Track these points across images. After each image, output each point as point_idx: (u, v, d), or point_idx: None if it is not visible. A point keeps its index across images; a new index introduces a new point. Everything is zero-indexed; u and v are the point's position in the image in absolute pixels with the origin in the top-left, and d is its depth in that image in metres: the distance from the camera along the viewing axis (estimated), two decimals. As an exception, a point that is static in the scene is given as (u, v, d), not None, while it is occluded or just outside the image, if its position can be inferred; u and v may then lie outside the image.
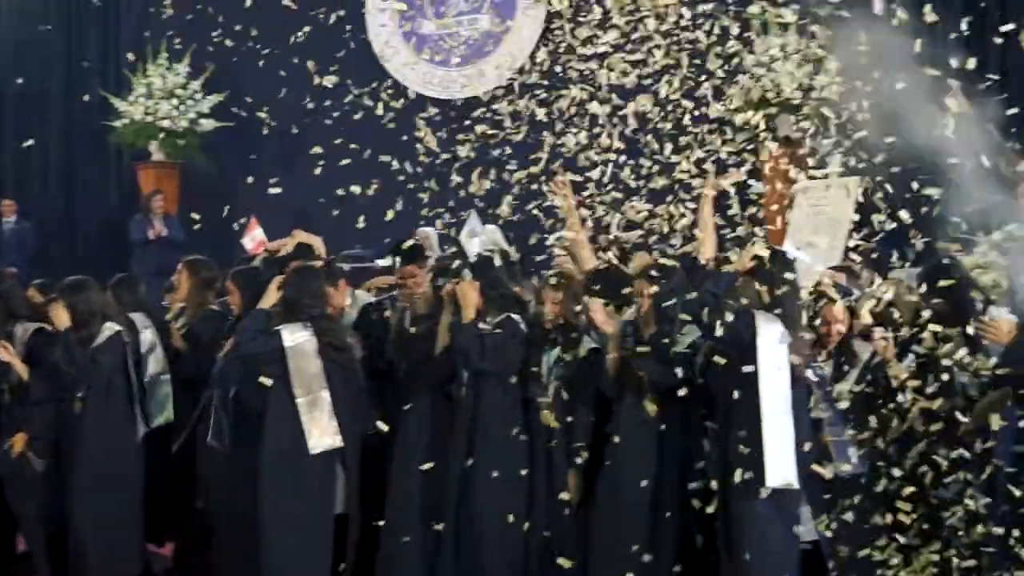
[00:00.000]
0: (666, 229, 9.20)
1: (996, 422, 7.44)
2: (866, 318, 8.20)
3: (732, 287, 7.52)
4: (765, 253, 7.62)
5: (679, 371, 7.79)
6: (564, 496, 8.29)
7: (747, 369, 7.38)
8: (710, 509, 7.59)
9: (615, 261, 8.83)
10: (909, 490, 7.64)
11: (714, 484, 7.57)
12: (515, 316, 8.52)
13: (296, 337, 8.30)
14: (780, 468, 7.34)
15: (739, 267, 7.64)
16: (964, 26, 9.29)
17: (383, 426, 8.68)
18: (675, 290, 7.91)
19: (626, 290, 8.31)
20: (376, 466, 8.90)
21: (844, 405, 7.91)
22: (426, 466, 8.54)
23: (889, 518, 7.65)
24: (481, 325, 8.45)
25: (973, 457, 7.58)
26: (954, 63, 8.54)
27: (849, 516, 7.69)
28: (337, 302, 8.91)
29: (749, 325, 7.38)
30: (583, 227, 9.14)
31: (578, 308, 8.48)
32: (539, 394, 8.39)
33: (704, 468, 7.76)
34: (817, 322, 8.08)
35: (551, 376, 8.46)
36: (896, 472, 7.70)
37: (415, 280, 9.17)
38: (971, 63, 8.54)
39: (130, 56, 18.43)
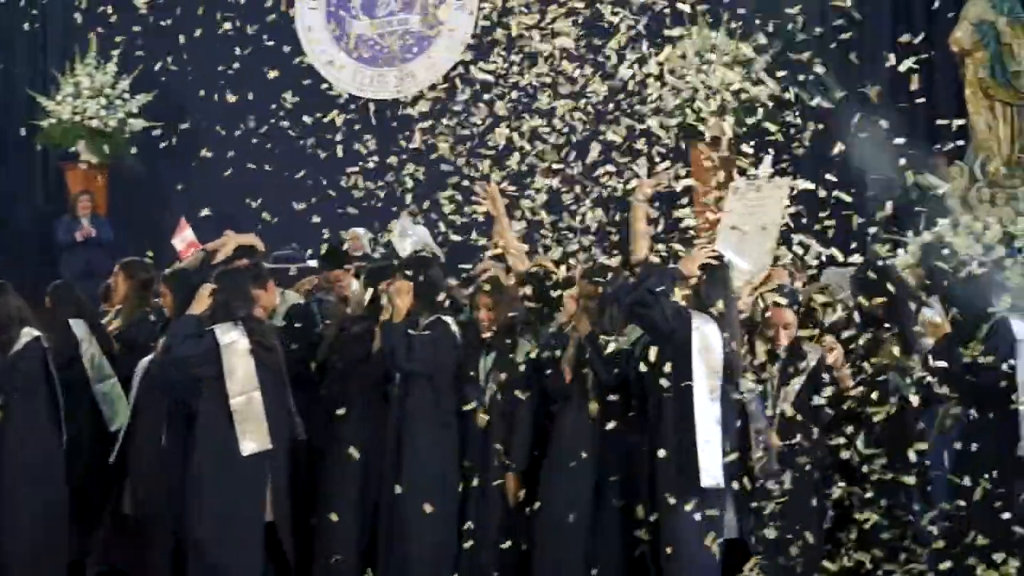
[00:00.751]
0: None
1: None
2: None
3: (671, 285, 7.53)
4: (713, 260, 7.70)
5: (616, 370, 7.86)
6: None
7: (678, 367, 7.44)
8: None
9: (547, 264, 8.81)
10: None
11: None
12: (446, 318, 8.49)
13: (230, 336, 8.23)
14: (711, 469, 7.38)
15: (686, 270, 7.65)
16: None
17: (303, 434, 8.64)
18: (616, 291, 7.94)
19: (557, 293, 8.35)
20: (309, 470, 8.87)
21: (789, 411, 7.94)
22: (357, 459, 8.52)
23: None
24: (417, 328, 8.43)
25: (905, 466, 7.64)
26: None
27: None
28: (266, 303, 8.84)
29: (685, 324, 7.41)
30: (512, 230, 9.14)
31: (511, 312, 8.45)
32: (476, 397, 8.36)
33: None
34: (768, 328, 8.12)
35: (488, 380, 8.42)
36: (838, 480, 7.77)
37: (340, 284, 9.15)
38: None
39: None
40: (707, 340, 7.48)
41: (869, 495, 7.71)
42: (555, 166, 9.30)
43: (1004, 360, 7.45)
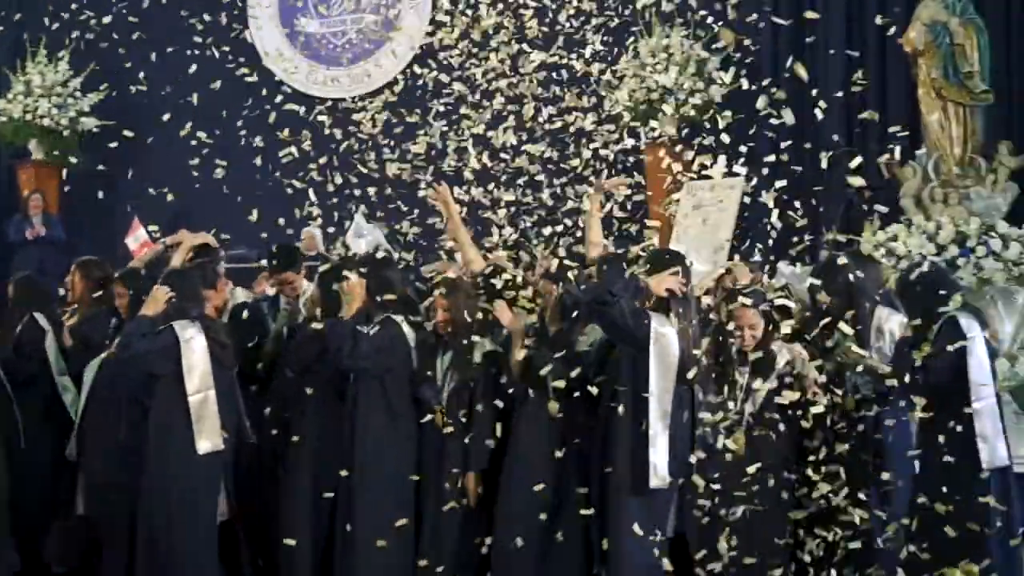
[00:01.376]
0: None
1: None
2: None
3: (635, 292, 7.54)
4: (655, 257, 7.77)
5: (578, 370, 7.87)
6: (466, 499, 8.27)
7: (634, 368, 7.49)
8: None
9: (503, 263, 8.81)
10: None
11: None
12: (397, 317, 8.46)
13: (188, 333, 8.19)
14: (660, 469, 7.43)
15: (654, 290, 7.66)
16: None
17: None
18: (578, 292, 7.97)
19: (514, 293, 8.37)
20: (261, 471, 8.86)
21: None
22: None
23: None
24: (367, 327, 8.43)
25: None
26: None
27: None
28: (216, 303, 8.80)
29: (643, 324, 7.43)
30: (467, 230, 9.15)
31: (467, 312, 8.42)
32: (432, 398, 8.34)
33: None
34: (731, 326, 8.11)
35: (446, 380, 8.40)
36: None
37: (292, 285, 9.13)
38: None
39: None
40: (664, 341, 7.49)
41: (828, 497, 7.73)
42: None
43: (954, 361, 7.46)
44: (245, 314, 9.22)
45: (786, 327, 7.99)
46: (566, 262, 8.21)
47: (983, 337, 7.55)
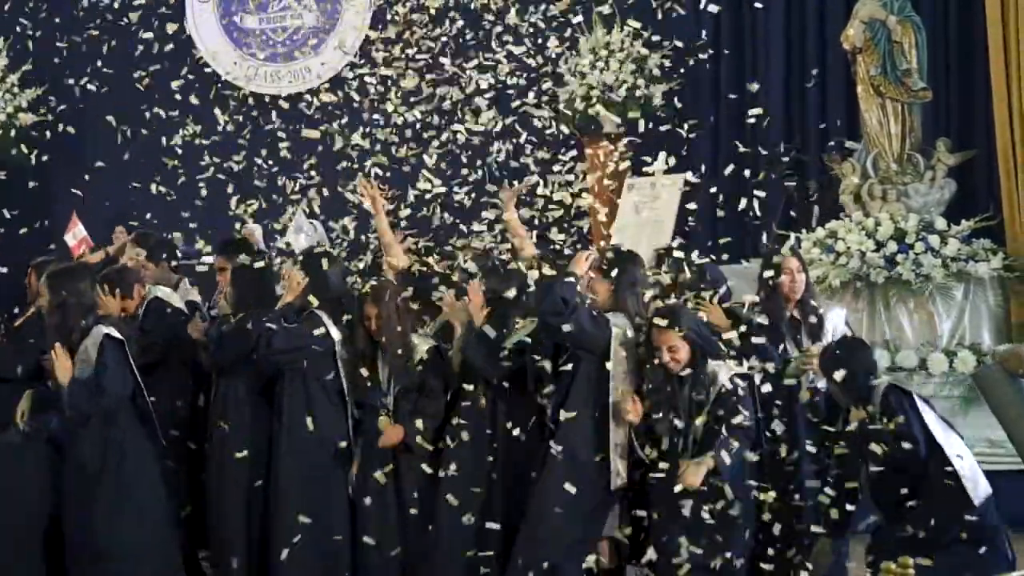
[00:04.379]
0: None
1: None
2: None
3: (575, 289, 7.56)
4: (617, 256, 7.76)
5: (507, 364, 7.91)
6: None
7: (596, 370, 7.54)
8: None
9: (428, 261, 8.81)
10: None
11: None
12: (320, 314, 8.41)
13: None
14: (621, 471, 7.50)
15: (579, 272, 7.67)
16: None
17: None
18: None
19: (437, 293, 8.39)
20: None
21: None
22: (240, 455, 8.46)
23: None
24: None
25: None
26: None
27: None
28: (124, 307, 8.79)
29: (605, 328, 7.43)
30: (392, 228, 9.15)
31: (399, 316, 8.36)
32: (378, 401, 8.28)
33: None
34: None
35: (389, 385, 8.34)
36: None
37: (223, 276, 9.10)
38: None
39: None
40: (622, 339, 7.54)
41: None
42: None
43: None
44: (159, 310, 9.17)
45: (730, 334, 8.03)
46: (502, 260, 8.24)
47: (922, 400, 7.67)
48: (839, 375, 7.49)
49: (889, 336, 10.98)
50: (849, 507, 7.53)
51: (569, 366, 7.69)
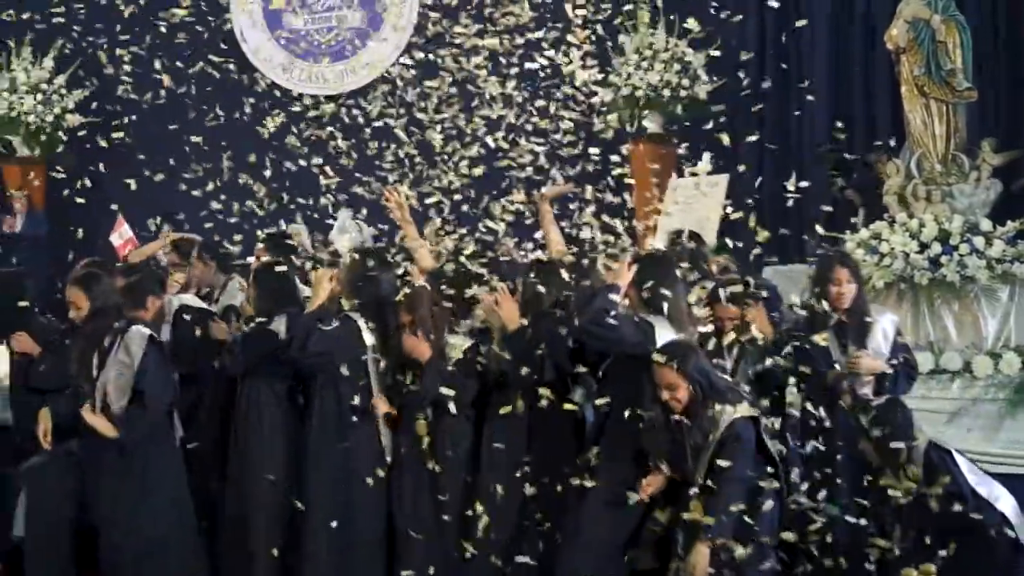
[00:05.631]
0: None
1: None
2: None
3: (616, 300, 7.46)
4: (643, 258, 7.70)
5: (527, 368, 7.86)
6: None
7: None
8: None
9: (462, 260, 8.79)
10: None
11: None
12: (355, 316, 8.41)
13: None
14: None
15: (619, 280, 7.58)
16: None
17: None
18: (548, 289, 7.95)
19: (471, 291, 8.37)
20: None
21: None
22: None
23: None
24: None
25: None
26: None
27: None
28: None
29: (650, 335, 7.36)
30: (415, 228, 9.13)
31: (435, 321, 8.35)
32: (414, 405, 8.26)
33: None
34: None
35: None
36: None
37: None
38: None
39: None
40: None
41: None
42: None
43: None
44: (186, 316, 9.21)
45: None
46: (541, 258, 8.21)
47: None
48: (876, 432, 7.49)
49: (933, 338, 10.90)
50: None
51: (613, 371, 7.65)
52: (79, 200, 11.51)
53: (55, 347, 9.38)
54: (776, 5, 11.10)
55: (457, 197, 9.44)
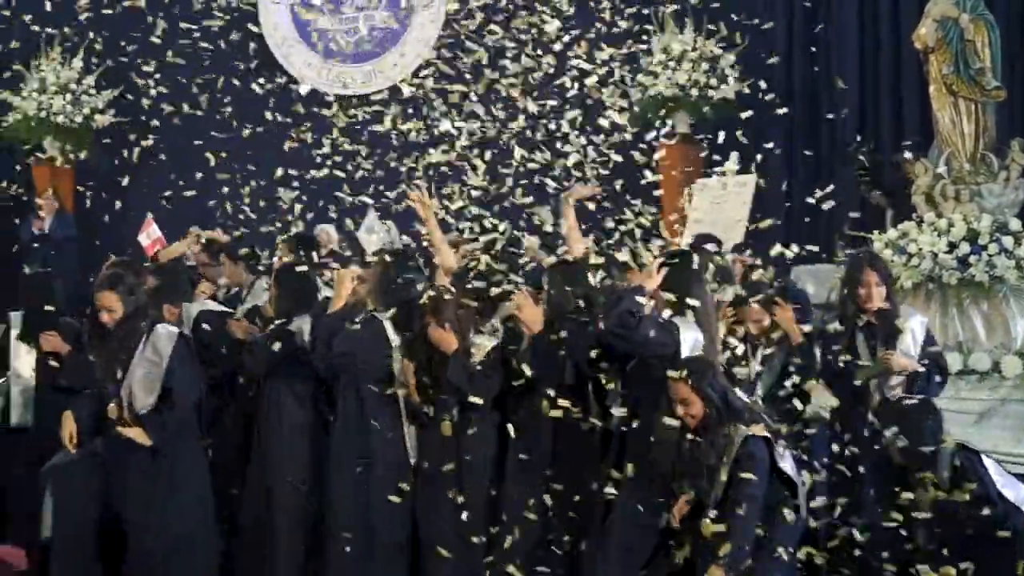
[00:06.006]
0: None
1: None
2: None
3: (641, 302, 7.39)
4: (671, 259, 7.64)
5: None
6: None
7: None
8: None
9: (485, 260, 8.75)
10: None
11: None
12: (381, 317, 8.40)
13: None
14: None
15: (647, 283, 7.50)
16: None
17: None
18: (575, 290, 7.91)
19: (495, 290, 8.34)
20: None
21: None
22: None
23: None
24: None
25: None
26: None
27: None
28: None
29: (675, 336, 7.30)
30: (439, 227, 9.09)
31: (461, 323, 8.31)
32: (440, 407, 8.24)
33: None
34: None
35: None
36: None
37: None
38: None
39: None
40: (694, 347, 7.32)
41: None
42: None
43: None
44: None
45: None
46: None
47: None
48: (901, 442, 7.46)
49: (962, 338, 10.87)
50: None
51: (636, 374, 7.56)
52: (116, 205, 11.56)
53: (82, 347, 9.40)
54: (808, 4, 11.09)
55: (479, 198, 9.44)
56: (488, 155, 9.44)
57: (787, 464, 7.07)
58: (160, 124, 14.84)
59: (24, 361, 9.93)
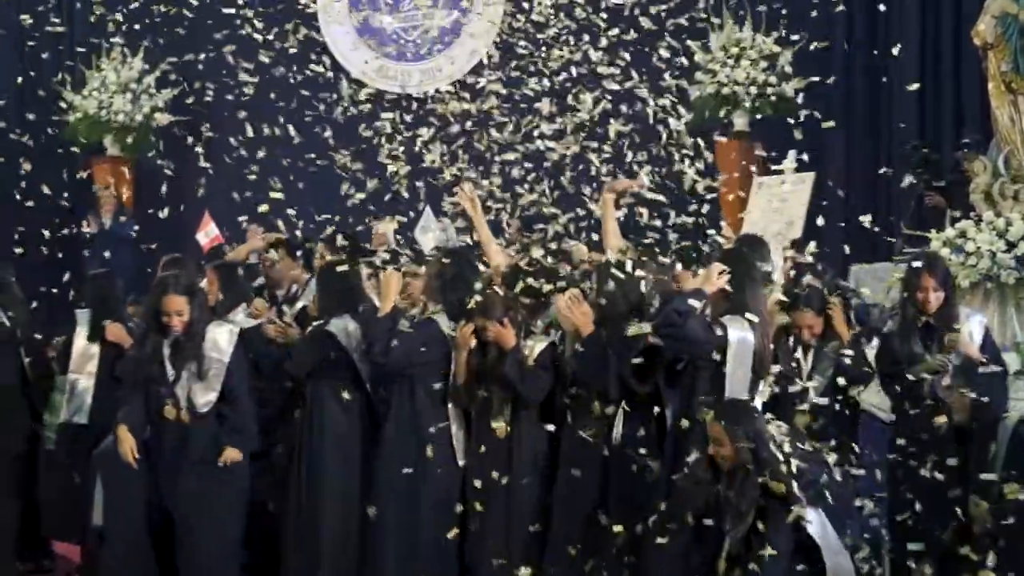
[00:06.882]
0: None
1: None
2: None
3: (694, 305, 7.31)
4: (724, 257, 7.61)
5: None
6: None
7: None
8: None
9: (538, 259, 8.72)
10: None
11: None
12: (438, 318, 8.35)
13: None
14: None
15: (705, 286, 7.42)
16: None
17: None
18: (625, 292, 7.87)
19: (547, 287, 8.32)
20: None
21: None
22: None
23: None
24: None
25: None
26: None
27: None
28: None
29: (720, 336, 7.25)
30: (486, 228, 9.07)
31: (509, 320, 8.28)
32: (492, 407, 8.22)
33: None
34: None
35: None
36: None
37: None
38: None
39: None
40: (743, 347, 7.28)
41: None
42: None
43: None
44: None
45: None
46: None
47: None
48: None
49: (1020, 338, 10.77)
50: None
51: (688, 374, 7.52)
52: (178, 205, 11.62)
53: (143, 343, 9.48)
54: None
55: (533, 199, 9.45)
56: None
57: (814, 528, 6.92)
58: (219, 123, 14.92)
59: (92, 359, 9.97)
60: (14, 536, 9.56)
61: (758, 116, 15.32)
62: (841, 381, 8.18)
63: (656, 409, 7.70)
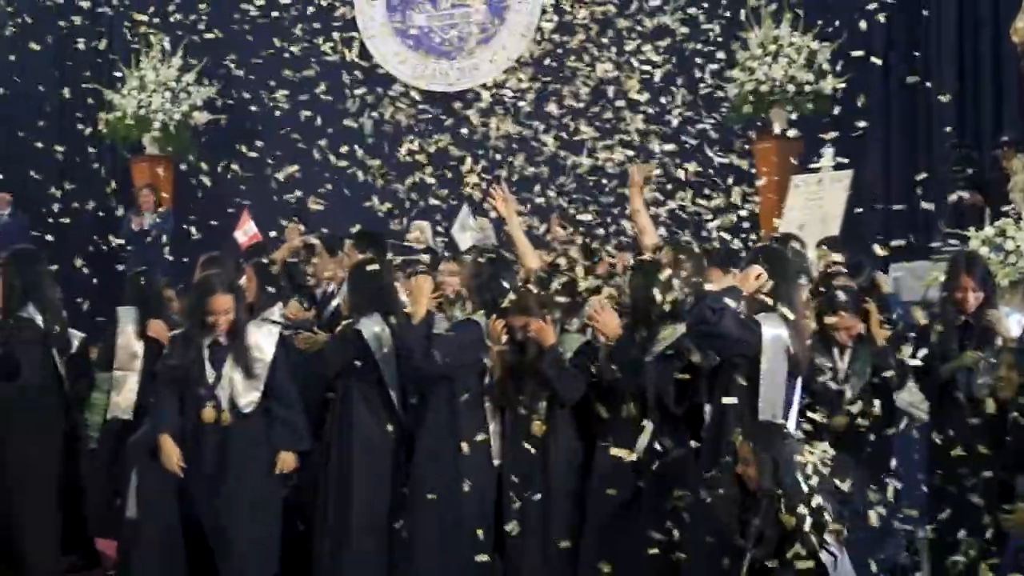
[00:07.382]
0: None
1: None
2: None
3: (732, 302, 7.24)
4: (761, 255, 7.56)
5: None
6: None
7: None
8: None
9: (573, 259, 8.70)
10: None
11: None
12: (477, 318, 8.27)
13: None
14: None
15: (743, 286, 7.33)
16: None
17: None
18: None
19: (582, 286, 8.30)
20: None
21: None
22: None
23: None
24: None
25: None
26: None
27: None
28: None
29: (755, 333, 7.21)
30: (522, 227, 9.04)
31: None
32: (530, 407, 8.15)
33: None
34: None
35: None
36: None
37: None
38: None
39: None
40: (778, 344, 7.22)
41: None
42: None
43: None
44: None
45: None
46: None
47: None
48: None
49: (1060, 336, 10.76)
50: None
51: (725, 372, 7.49)
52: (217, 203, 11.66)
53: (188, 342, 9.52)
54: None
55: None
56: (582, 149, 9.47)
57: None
58: (257, 121, 15.00)
59: (137, 357, 10.00)
60: (57, 533, 9.56)
61: (794, 116, 15.27)
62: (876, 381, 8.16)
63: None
